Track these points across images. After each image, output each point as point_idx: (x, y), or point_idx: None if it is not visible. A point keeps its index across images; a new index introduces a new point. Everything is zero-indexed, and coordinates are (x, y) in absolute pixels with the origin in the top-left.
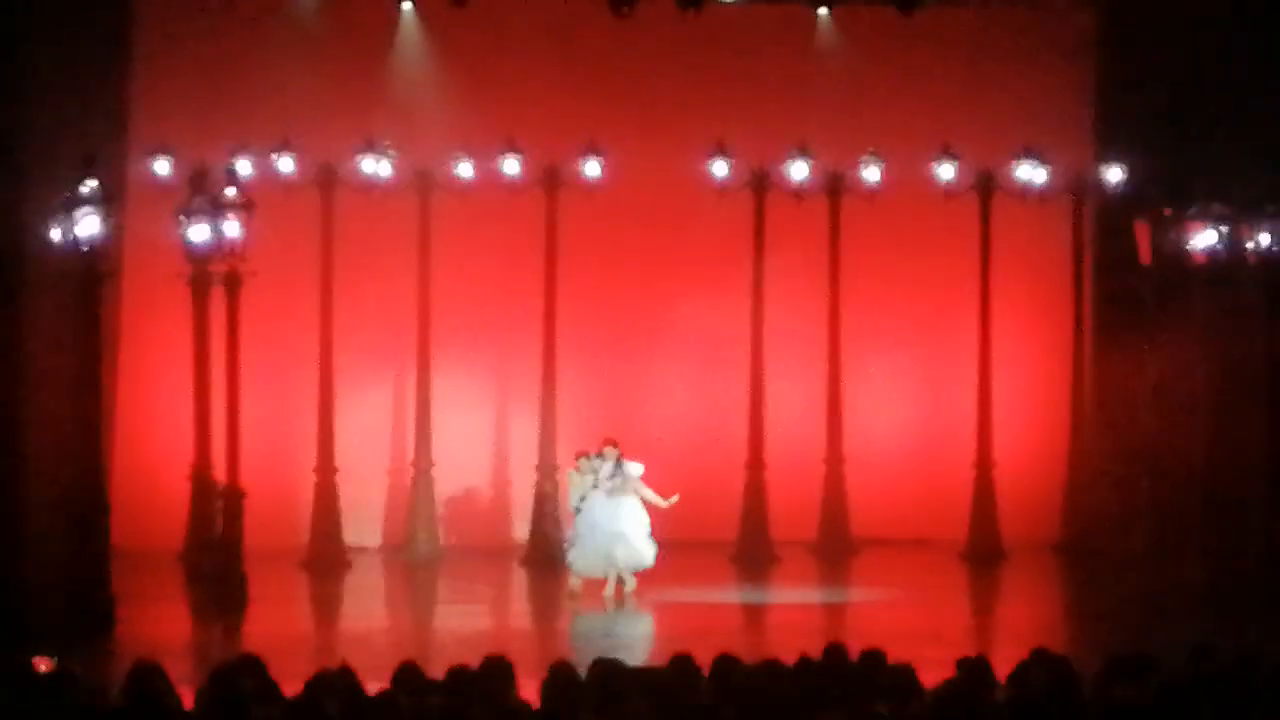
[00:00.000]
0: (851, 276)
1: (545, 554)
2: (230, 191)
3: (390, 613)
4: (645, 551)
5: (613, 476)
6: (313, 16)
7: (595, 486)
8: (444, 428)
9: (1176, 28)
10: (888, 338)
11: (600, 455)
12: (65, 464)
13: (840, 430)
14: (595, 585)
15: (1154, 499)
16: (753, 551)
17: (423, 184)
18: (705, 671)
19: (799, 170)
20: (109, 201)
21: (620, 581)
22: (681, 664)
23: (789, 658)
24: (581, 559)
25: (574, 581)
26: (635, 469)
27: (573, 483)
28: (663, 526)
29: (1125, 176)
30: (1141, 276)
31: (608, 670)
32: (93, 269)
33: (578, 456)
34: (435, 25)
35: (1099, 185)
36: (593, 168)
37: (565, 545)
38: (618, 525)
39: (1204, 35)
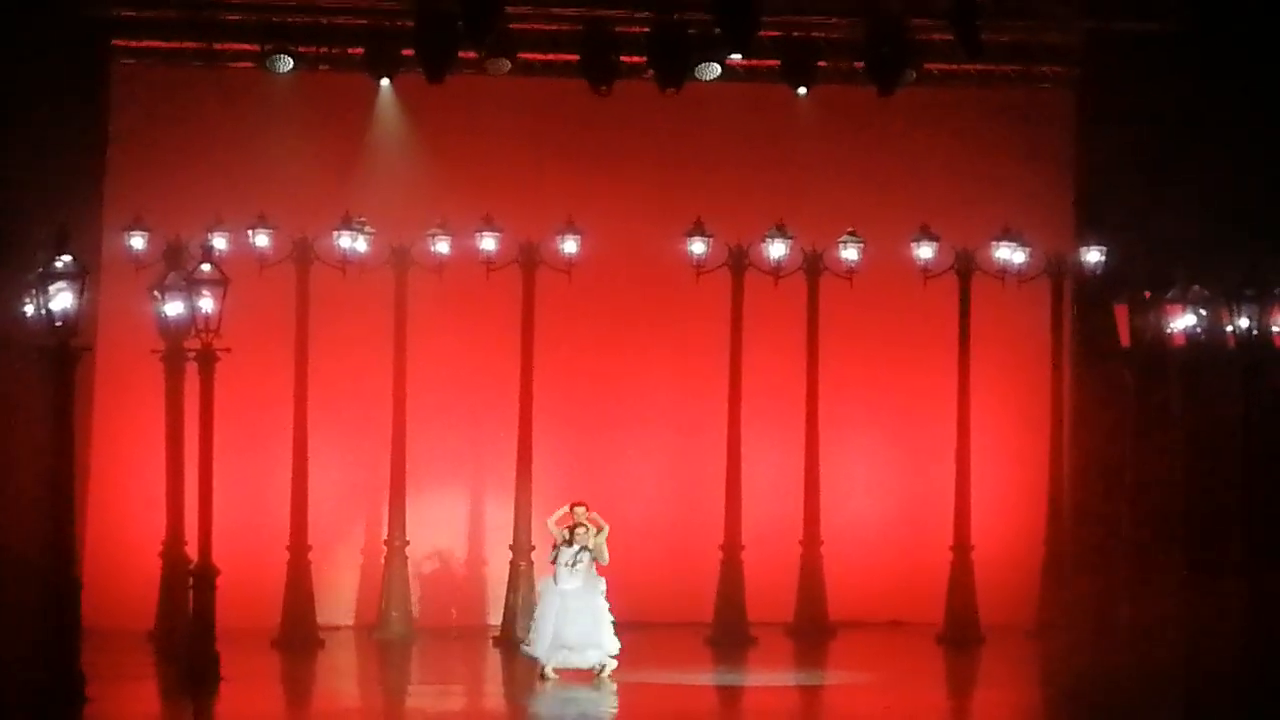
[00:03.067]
0: (830, 356)
1: (519, 634)
2: (205, 267)
3: (363, 693)
4: (602, 647)
5: (574, 563)
6: (289, 93)
7: (555, 560)
8: (418, 506)
9: (1156, 111)
10: (866, 418)
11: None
12: (37, 541)
13: (817, 511)
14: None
15: (1132, 583)
16: (729, 633)
17: (399, 260)
18: None
19: (777, 249)
20: (83, 276)
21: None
22: None
23: None
24: (537, 647)
25: (549, 671)
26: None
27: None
28: (638, 608)
29: (1104, 259)
30: (1121, 359)
31: None
32: (66, 344)
33: (574, 507)
34: (413, 102)
35: (1078, 267)
36: (570, 245)
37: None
38: (571, 627)
39: (1184, 119)
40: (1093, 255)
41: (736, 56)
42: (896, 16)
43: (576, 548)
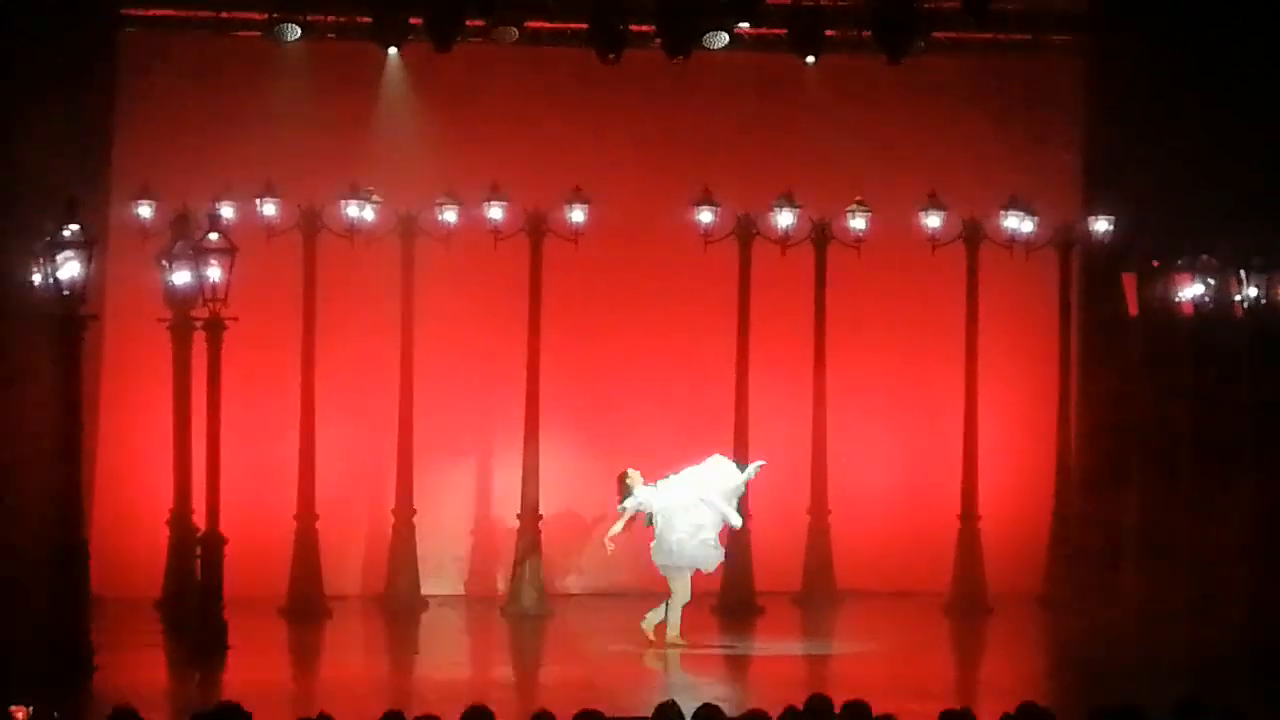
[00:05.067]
0: (837, 326)
1: (528, 602)
2: (213, 236)
3: (370, 661)
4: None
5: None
6: (297, 61)
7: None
8: (426, 475)
9: (1165, 80)
10: (873, 387)
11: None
12: (44, 510)
13: (825, 480)
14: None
15: (1140, 552)
16: (736, 602)
17: (407, 229)
18: None
19: (785, 218)
20: (91, 245)
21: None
22: (665, 713)
23: (773, 709)
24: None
25: (646, 624)
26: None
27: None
28: (646, 577)
29: (1113, 228)
30: (1129, 328)
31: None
32: (74, 313)
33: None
34: (420, 71)
35: (1087, 236)
36: (578, 214)
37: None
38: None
39: (1194, 87)
40: (1101, 224)
41: (745, 25)
42: None
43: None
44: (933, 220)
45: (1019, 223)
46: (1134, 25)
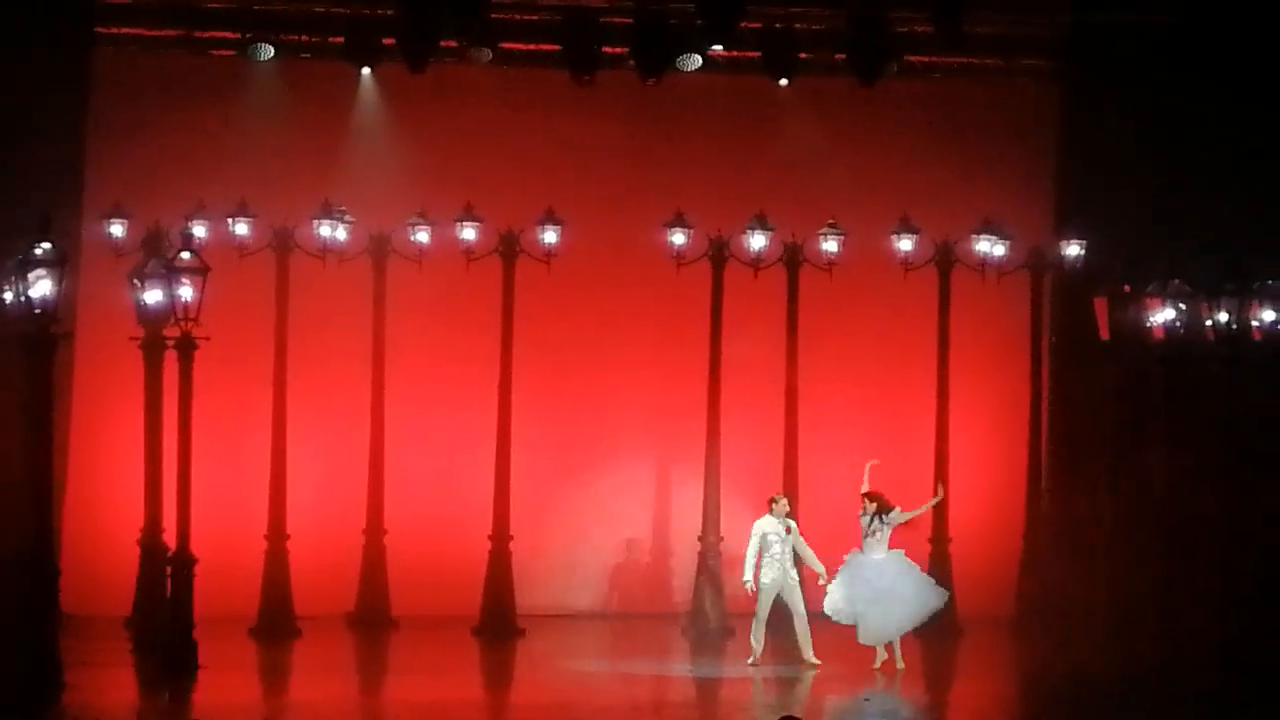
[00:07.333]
0: (809, 348)
1: (498, 623)
2: (185, 255)
3: (341, 681)
4: (930, 600)
5: (873, 531)
6: (271, 81)
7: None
8: (398, 495)
9: (1138, 106)
10: (845, 409)
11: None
12: (15, 527)
13: (796, 500)
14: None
15: (1110, 577)
16: (707, 624)
17: (379, 249)
18: None
19: (757, 241)
20: (63, 264)
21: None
22: None
23: None
24: (870, 630)
25: (881, 653)
26: (898, 516)
27: (755, 532)
28: (618, 599)
29: (1084, 252)
30: (1100, 352)
31: None
32: (45, 331)
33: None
34: (394, 91)
35: (1058, 260)
36: (550, 236)
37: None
38: (894, 583)
39: (1165, 112)
40: (1073, 249)
41: (718, 48)
42: (878, 8)
43: (870, 515)
44: (905, 243)
45: (991, 246)
46: (1106, 51)
